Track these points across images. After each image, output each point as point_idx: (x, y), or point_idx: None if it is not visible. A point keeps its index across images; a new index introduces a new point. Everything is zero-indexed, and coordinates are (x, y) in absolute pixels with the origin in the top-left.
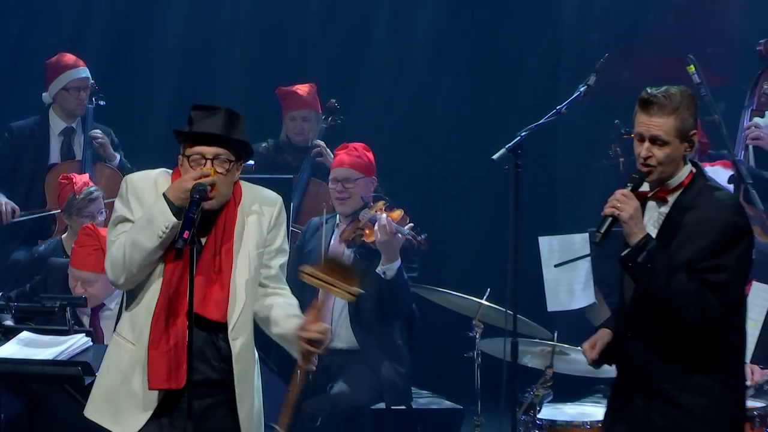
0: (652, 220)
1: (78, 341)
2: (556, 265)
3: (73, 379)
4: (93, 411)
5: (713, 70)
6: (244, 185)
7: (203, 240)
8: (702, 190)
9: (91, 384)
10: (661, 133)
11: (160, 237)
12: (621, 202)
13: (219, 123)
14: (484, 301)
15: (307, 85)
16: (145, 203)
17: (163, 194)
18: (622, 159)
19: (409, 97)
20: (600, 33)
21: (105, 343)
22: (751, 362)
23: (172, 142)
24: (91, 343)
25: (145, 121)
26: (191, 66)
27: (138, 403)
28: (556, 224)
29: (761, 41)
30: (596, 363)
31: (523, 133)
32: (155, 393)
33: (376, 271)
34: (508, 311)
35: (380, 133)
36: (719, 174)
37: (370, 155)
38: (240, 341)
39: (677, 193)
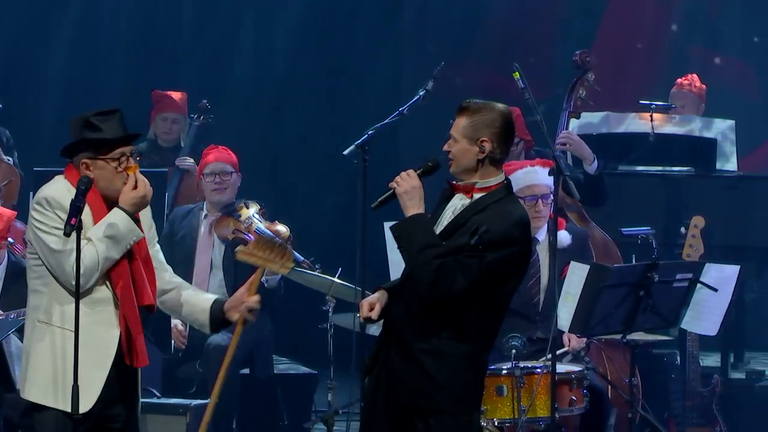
0: (453, 208)
1: None
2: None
3: None
4: (37, 394)
5: (535, 77)
6: None
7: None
8: (500, 200)
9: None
10: (453, 131)
11: (127, 248)
12: (402, 179)
13: (122, 122)
14: (336, 279)
15: (180, 92)
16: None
17: (123, 209)
18: None
19: (270, 99)
20: (437, 44)
21: None
22: (569, 332)
23: (62, 141)
24: None
25: (38, 122)
26: (80, 72)
27: (88, 382)
28: (398, 212)
29: (577, 52)
30: (368, 321)
31: (370, 132)
32: (104, 372)
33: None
34: (357, 288)
35: (244, 131)
36: (538, 172)
37: (233, 155)
38: None
39: (481, 194)
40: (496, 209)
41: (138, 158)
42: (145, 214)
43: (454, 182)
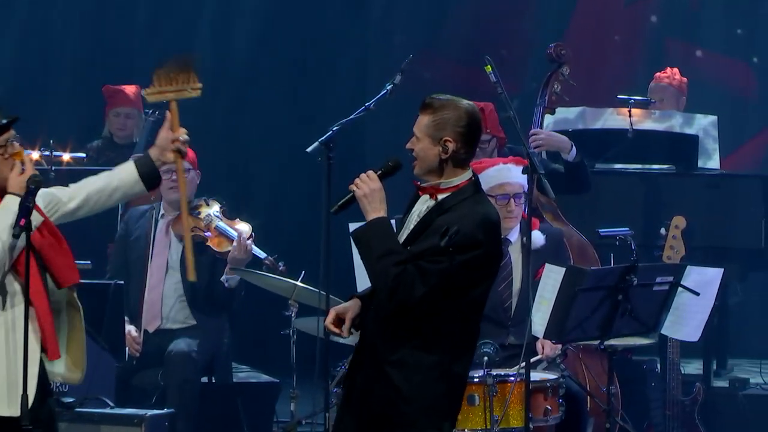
0: (418, 211)
1: None
2: None
3: None
4: None
5: (508, 70)
6: None
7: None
8: (466, 199)
9: None
10: (415, 129)
11: (29, 234)
12: (362, 181)
13: None
14: (299, 283)
15: (133, 86)
16: None
17: (16, 194)
18: None
19: (229, 93)
20: (404, 36)
21: None
22: (544, 338)
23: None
24: None
25: None
26: (29, 64)
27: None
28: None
29: (551, 45)
30: (333, 333)
31: (335, 128)
32: (35, 368)
33: (221, 279)
34: (322, 292)
35: (203, 127)
36: (512, 170)
37: (192, 152)
38: None
39: (446, 195)
40: (461, 210)
41: (20, 142)
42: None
43: (418, 183)
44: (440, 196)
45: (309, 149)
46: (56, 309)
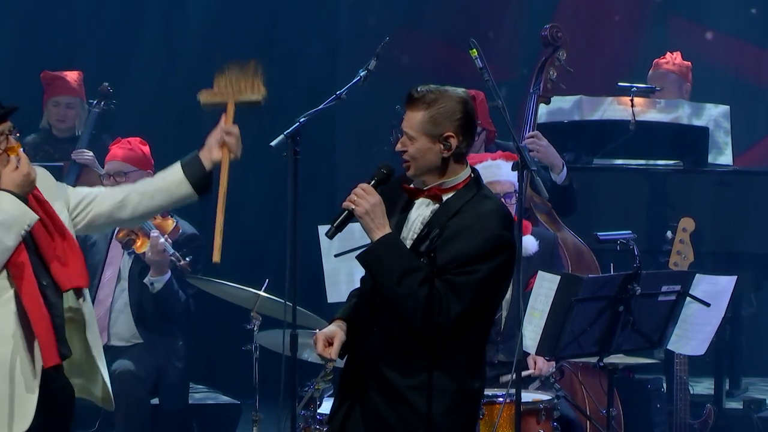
0: (420, 218)
1: None
2: (336, 255)
3: None
4: None
5: (496, 55)
6: None
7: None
8: (473, 198)
9: None
10: (407, 128)
11: (22, 233)
12: (359, 196)
13: None
14: (262, 293)
15: (75, 72)
16: None
17: (12, 192)
18: None
19: (183, 83)
20: (379, 16)
21: None
22: (536, 354)
23: None
24: None
25: None
26: None
27: (19, 401)
28: (335, 213)
29: (546, 27)
30: (324, 360)
31: (301, 119)
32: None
33: (144, 281)
34: (287, 302)
35: (153, 122)
36: (501, 167)
37: (146, 149)
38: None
39: (450, 195)
40: (473, 210)
41: (17, 135)
42: (47, 181)
43: (412, 186)
44: (444, 197)
45: (273, 143)
46: (79, 320)
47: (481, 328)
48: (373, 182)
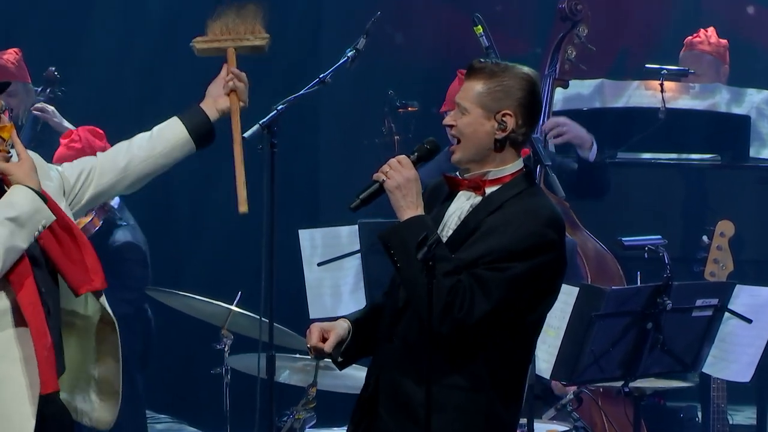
0: (459, 212)
1: None
2: (319, 264)
3: None
4: None
5: (504, 32)
6: None
7: None
8: (520, 194)
9: None
10: (461, 99)
11: (35, 234)
12: (393, 168)
13: None
14: (234, 307)
15: (11, 51)
16: None
17: (29, 187)
18: (397, 137)
19: (141, 66)
20: None
21: None
22: (552, 378)
23: None
24: None
25: None
26: None
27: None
28: (318, 214)
29: None
30: (319, 354)
31: (279, 107)
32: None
33: None
34: (263, 319)
35: (105, 110)
36: None
37: (100, 142)
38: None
39: (495, 188)
40: (517, 206)
41: (9, 116)
42: (42, 168)
43: (455, 176)
44: (488, 190)
45: (246, 134)
46: (83, 327)
47: (518, 346)
48: (413, 157)
